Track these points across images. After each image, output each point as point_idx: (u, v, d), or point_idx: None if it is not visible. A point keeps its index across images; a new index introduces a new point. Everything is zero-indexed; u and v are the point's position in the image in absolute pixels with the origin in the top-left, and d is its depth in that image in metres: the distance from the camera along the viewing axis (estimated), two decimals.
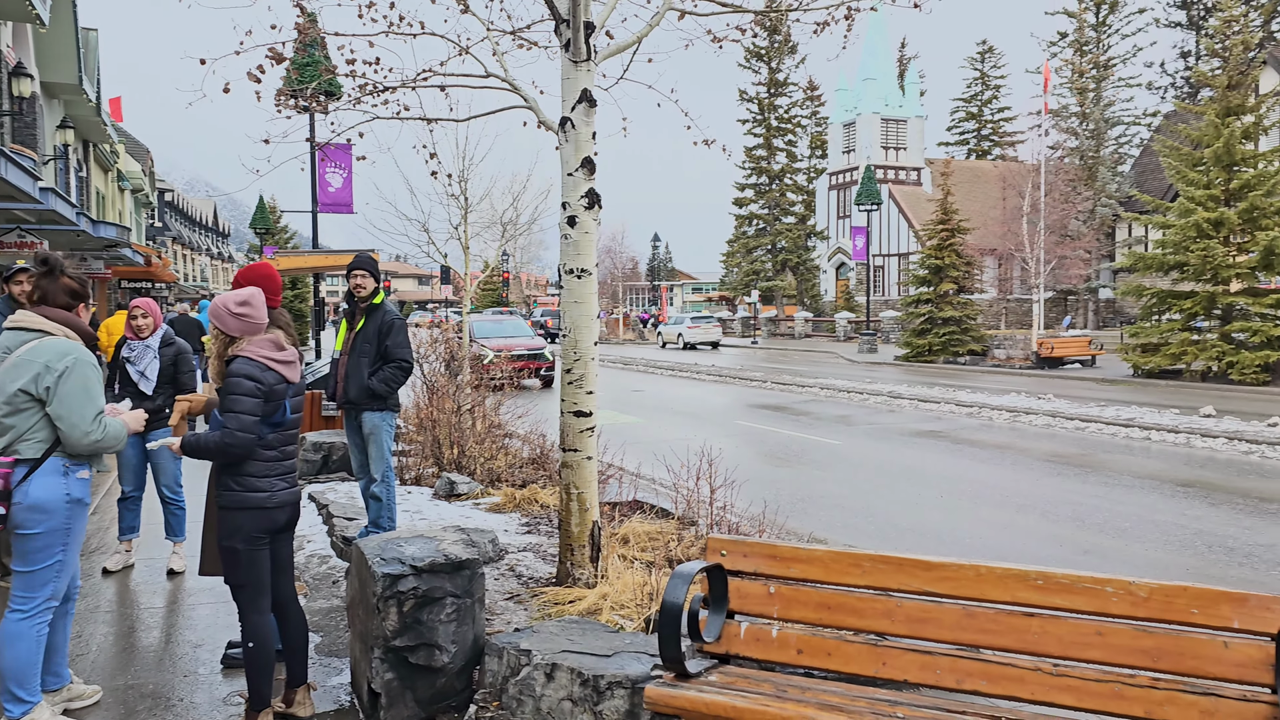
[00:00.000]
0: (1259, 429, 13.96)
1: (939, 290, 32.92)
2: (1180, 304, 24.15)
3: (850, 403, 19.93)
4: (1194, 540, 8.22)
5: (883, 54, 57.22)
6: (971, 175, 54.58)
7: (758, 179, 60.09)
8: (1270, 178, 23.23)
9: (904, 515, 9.36)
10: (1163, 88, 60.63)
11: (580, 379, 5.76)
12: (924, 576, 3.66)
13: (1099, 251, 46.30)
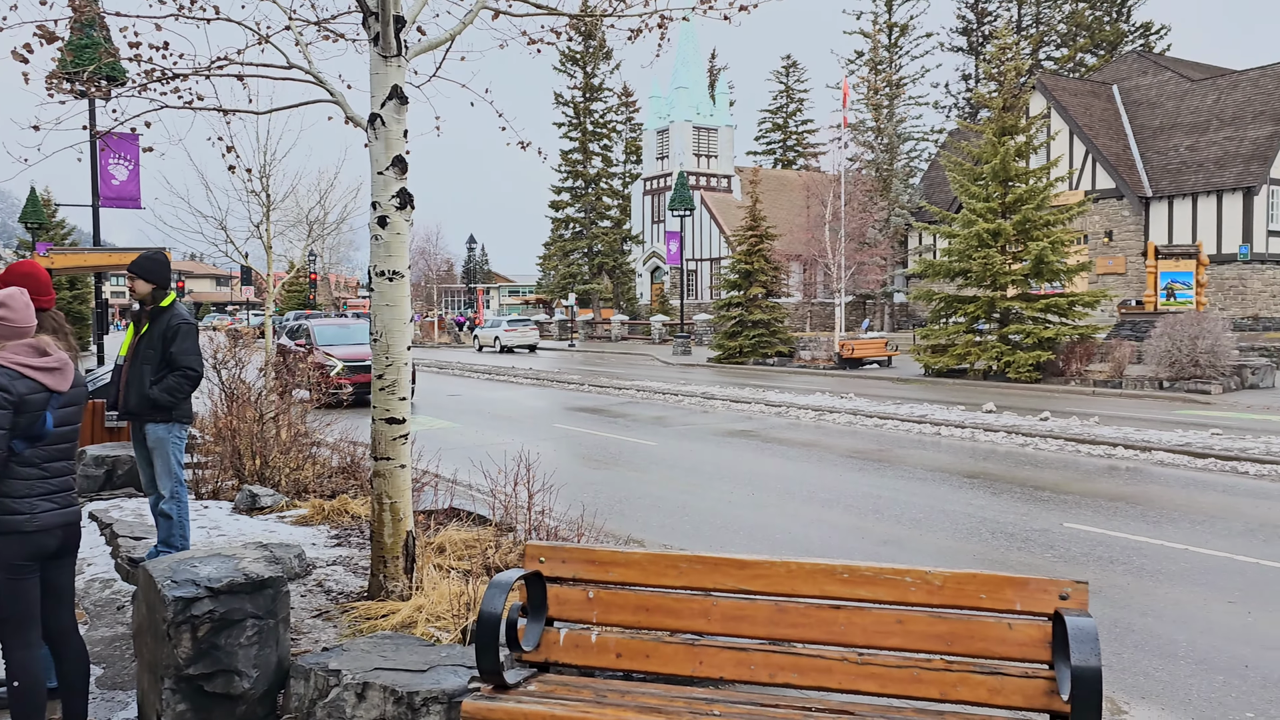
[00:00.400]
0: (1033, 423, 15.19)
1: (749, 294, 34.05)
2: (965, 308, 25.99)
3: (665, 404, 20.30)
4: (979, 528, 8.83)
5: (694, 64, 58.72)
6: (778, 184, 56.86)
7: (574, 182, 60.38)
8: (1040, 193, 25.36)
9: (719, 513, 9.60)
10: (947, 107, 65.24)
11: (393, 385, 5.58)
12: (738, 575, 3.75)
13: (893, 258, 49.23)
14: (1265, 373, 21.57)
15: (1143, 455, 12.66)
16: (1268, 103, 37.60)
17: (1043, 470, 11.85)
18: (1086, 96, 42.74)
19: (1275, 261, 37.39)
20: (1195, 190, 37.61)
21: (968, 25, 65.65)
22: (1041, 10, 64.45)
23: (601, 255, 59.57)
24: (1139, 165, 40.34)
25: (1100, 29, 61.99)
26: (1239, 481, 10.97)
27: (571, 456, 13.28)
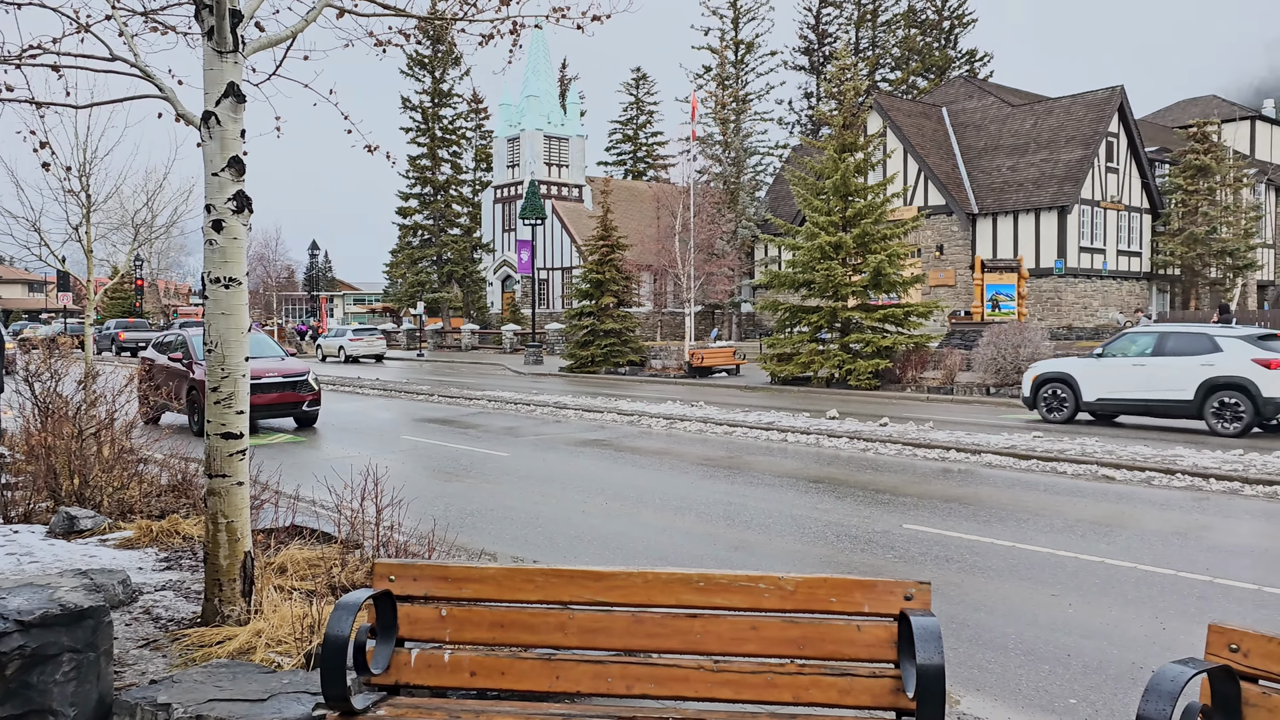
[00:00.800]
0: (873, 428, 15.83)
1: (601, 303, 34.21)
2: (808, 318, 26.90)
3: (517, 414, 20.11)
4: (825, 531, 9.11)
5: (545, 73, 58.64)
6: (629, 194, 57.39)
7: (422, 189, 59.20)
8: (878, 208, 26.54)
9: (572, 523, 9.55)
10: (791, 124, 67.53)
11: (229, 398, 5.29)
12: (595, 587, 3.71)
13: (741, 269, 50.48)
14: None
15: (974, 458, 13.37)
16: (1078, 128, 40.58)
17: (883, 474, 12.35)
18: (919, 117, 45.05)
19: (1086, 275, 40.34)
20: (1016, 208, 40.19)
21: (809, 46, 68.16)
22: (878, 34, 67.59)
23: (451, 263, 58.59)
24: (966, 184, 42.79)
25: (931, 54, 65.52)
26: (1058, 481, 11.73)
27: (422, 469, 12.97)
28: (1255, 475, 11.03)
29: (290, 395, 16.74)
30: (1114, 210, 41.29)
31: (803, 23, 68.78)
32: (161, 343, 18.33)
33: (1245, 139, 50.16)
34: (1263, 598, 6.86)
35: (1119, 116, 40.88)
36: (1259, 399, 14.98)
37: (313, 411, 17.28)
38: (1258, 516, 9.63)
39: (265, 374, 16.16)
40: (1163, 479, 11.46)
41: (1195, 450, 12.99)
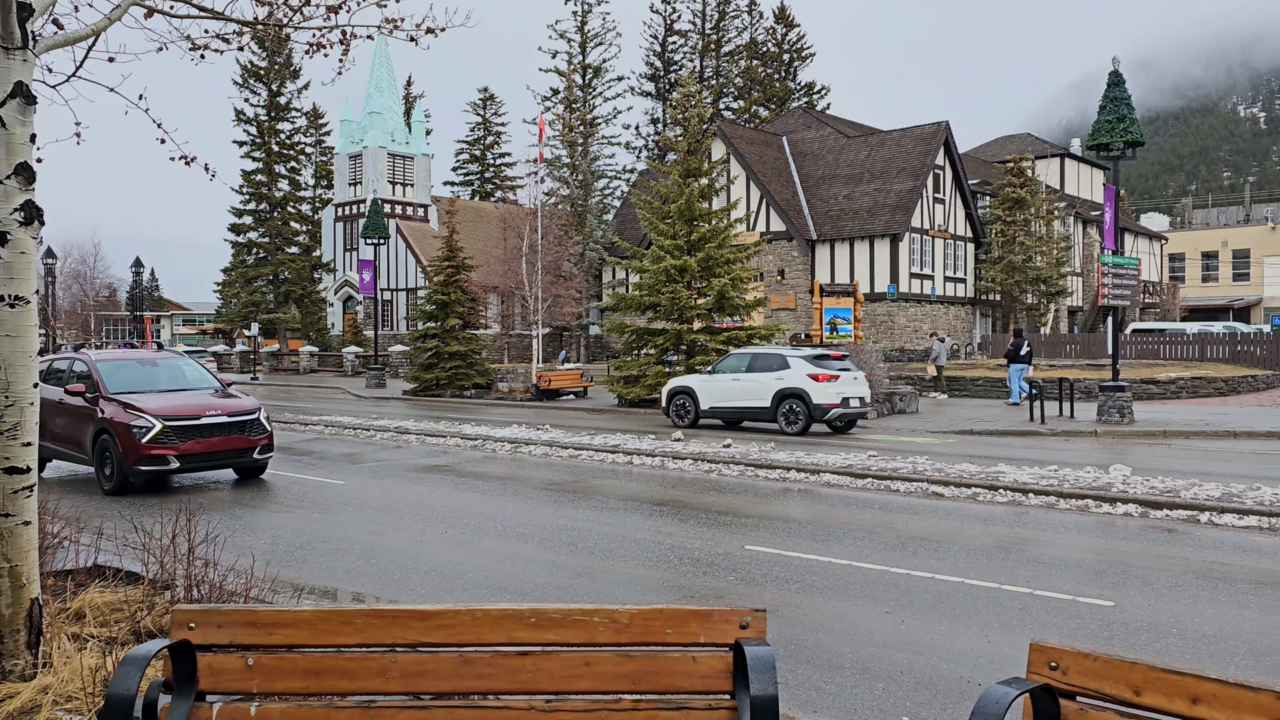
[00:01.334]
0: (717, 450, 16.03)
1: (446, 325, 33.55)
2: (654, 340, 27.13)
3: (356, 439, 19.38)
4: (669, 555, 9.08)
5: (389, 90, 57.41)
6: (476, 215, 56.74)
7: (258, 205, 56.79)
8: (721, 232, 27.09)
9: (410, 554, 9.19)
10: (639, 148, 68.44)
11: (15, 428, 4.79)
12: (420, 627, 3.49)
13: (588, 291, 50.61)
14: (911, 399, 24.23)
15: (813, 478, 13.70)
16: (908, 160, 42.74)
17: (726, 495, 12.48)
18: (761, 145, 46.44)
19: (917, 300, 42.41)
20: (852, 235, 41.90)
21: (656, 72, 69.39)
22: (721, 64, 69.48)
23: (289, 283, 56.35)
24: (806, 211, 44.34)
25: (772, 85, 67.81)
26: (892, 499, 12.13)
27: (249, 499, 12.26)
28: (1069, 490, 11.71)
29: (238, 440, 13.12)
30: (941, 239, 43.63)
31: (649, 50, 70.02)
32: (50, 371, 14.33)
33: (1056, 174, 54.05)
34: (1077, 608, 7.22)
35: (945, 150, 43.31)
36: (811, 404, 19.32)
37: (264, 460, 13.72)
38: (1071, 529, 10.21)
39: (205, 412, 12.92)
40: (987, 494, 12.03)
41: (1015, 467, 13.71)
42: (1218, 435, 18.65)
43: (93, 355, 14.07)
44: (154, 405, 12.70)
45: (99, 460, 12.81)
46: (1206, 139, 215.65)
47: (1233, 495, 11.07)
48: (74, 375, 13.83)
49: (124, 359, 14.61)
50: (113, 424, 12.42)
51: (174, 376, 14.29)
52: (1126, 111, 20.48)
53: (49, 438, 13.12)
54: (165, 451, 12.36)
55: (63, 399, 13.40)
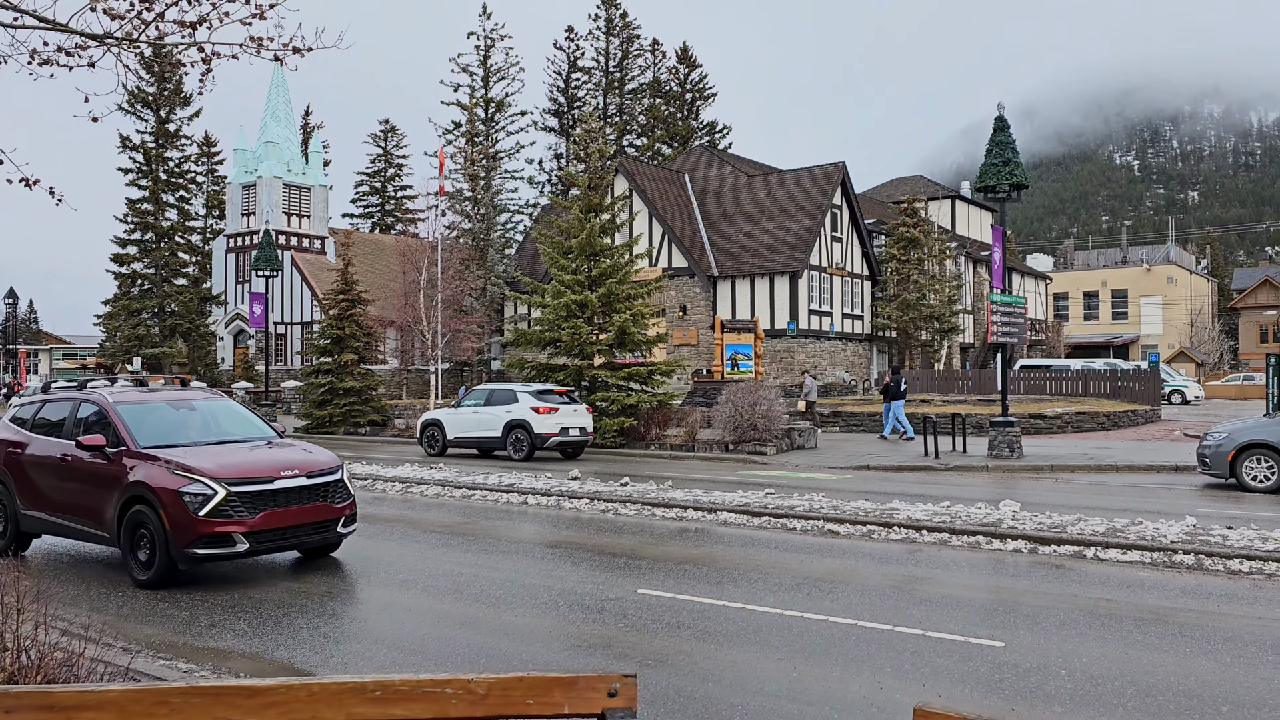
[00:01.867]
0: (614, 489, 15.73)
1: (341, 360, 32.56)
2: (555, 376, 26.77)
3: None
4: (558, 601, 8.72)
5: (286, 119, 56.09)
6: (374, 248, 55.63)
7: (144, 235, 54.50)
8: (623, 268, 26.99)
9: (283, 605, 8.61)
10: (541, 183, 68.34)
11: None
12: (248, 705, 3.09)
13: (490, 326, 49.99)
14: (809, 434, 24.39)
15: (710, 516, 13.50)
16: (806, 199, 43.57)
17: (621, 536, 12.17)
18: (663, 183, 46.77)
19: (816, 336, 43.07)
20: (753, 272, 42.40)
21: (559, 108, 69.57)
22: (625, 102, 70.08)
23: (176, 316, 54.13)
24: (707, 247, 44.73)
25: (674, 124, 68.63)
26: (789, 538, 12.01)
27: (103, 553, 11.42)
28: (960, 527, 11.77)
29: (320, 509, 9.85)
30: (839, 276, 44.50)
31: (553, 85, 70.22)
32: (43, 419, 11.01)
33: (947, 216, 55.87)
34: (969, 649, 7.12)
35: (842, 190, 44.31)
36: (533, 433, 21.83)
37: (348, 534, 10.45)
38: (963, 567, 10.21)
39: (279, 472, 9.59)
40: (881, 532, 12.01)
41: (910, 504, 13.77)
42: (1101, 469, 19.20)
43: (108, 395, 10.55)
44: (210, 464, 9.32)
45: (129, 540, 9.40)
46: (1086, 184, 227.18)
47: (1116, 530, 11.27)
48: (84, 423, 10.33)
49: (149, 400, 10.84)
50: (154, 490, 9.08)
51: (215, 422, 10.90)
52: (1011, 155, 21.16)
53: (47, 506, 10.35)
54: (231, 528, 9.02)
55: (70, 456, 10.11)
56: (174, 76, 52.70)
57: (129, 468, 9.48)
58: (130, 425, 9.95)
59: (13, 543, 10.79)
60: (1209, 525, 11.48)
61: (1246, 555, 9.88)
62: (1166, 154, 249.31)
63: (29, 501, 10.56)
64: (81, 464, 9.98)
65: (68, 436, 10.39)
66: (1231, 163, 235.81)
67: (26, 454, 10.73)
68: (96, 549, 11.26)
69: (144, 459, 9.49)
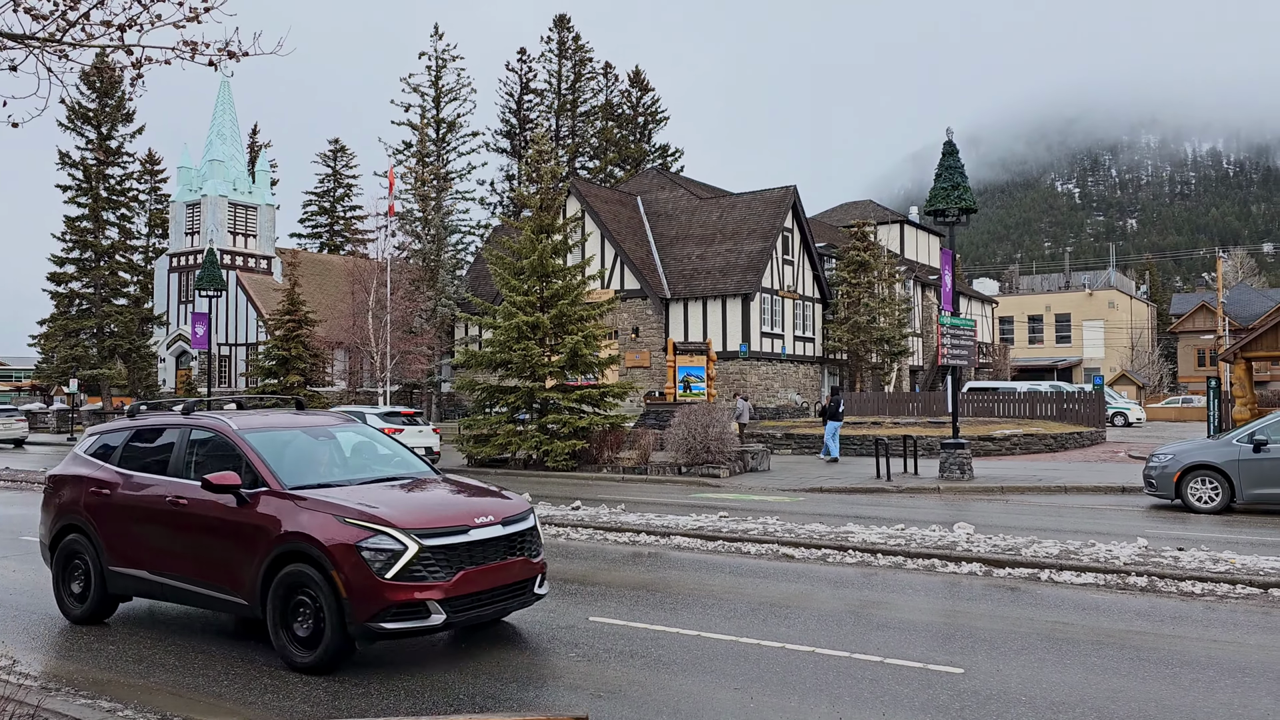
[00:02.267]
0: (565, 512, 15.43)
1: (286, 382, 31.94)
2: (506, 398, 26.40)
3: None
4: (506, 630, 8.42)
5: (232, 137, 55.22)
6: (322, 268, 54.86)
7: (83, 254, 53.14)
8: (575, 289, 26.77)
9: (220, 640, 8.21)
10: (493, 204, 68.03)
11: None
12: None
13: (440, 348, 49.42)
14: (762, 457, 24.30)
15: (663, 540, 13.28)
16: (758, 222, 43.81)
17: (573, 561, 11.90)
18: (615, 205, 46.73)
19: (768, 359, 43.19)
20: (705, 294, 42.45)
21: (512, 129, 69.44)
22: (577, 124, 70.17)
23: (116, 336, 52.75)
24: (660, 270, 44.72)
25: (627, 146, 68.84)
26: (743, 562, 11.82)
27: (45, 580, 10.89)
28: (915, 550, 11.68)
29: (518, 565, 7.74)
30: (791, 299, 44.73)
31: (505, 107, 70.12)
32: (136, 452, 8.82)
33: (896, 240, 56.56)
34: (928, 676, 6.97)
35: (793, 214, 44.62)
36: None
37: (543, 595, 8.22)
38: (919, 591, 10.10)
39: (472, 518, 7.50)
40: (836, 555, 11.88)
41: (864, 526, 13.67)
42: (1050, 490, 19.33)
43: (230, 421, 8.42)
44: (391, 510, 7.26)
45: (279, 610, 7.24)
46: (1029, 211, 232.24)
47: (1070, 552, 11.26)
48: (198, 456, 8.30)
49: (282, 427, 8.66)
50: (321, 545, 7.00)
51: (360, 455, 8.94)
52: (960, 180, 21.39)
53: (149, 563, 8.20)
54: (424, 594, 6.95)
55: (184, 499, 8.00)
56: (115, 92, 51.65)
57: (277, 515, 7.34)
58: (268, 459, 7.84)
59: (96, 607, 8.66)
60: (1160, 547, 11.52)
61: (1198, 577, 9.90)
62: (1106, 182, 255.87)
63: (122, 557, 8.37)
64: (204, 509, 7.81)
65: (176, 473, 8.28)
66: (1168, 191, 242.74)
67: (117, 496, 8.54)
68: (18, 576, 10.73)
69: (295, 503, 7.38)
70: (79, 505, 8.81)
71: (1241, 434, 16.16)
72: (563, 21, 71.01)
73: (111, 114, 52.82)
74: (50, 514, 9.19)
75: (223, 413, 9.01)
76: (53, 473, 9.45)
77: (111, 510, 8.55)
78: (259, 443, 8.06)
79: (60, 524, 8.97)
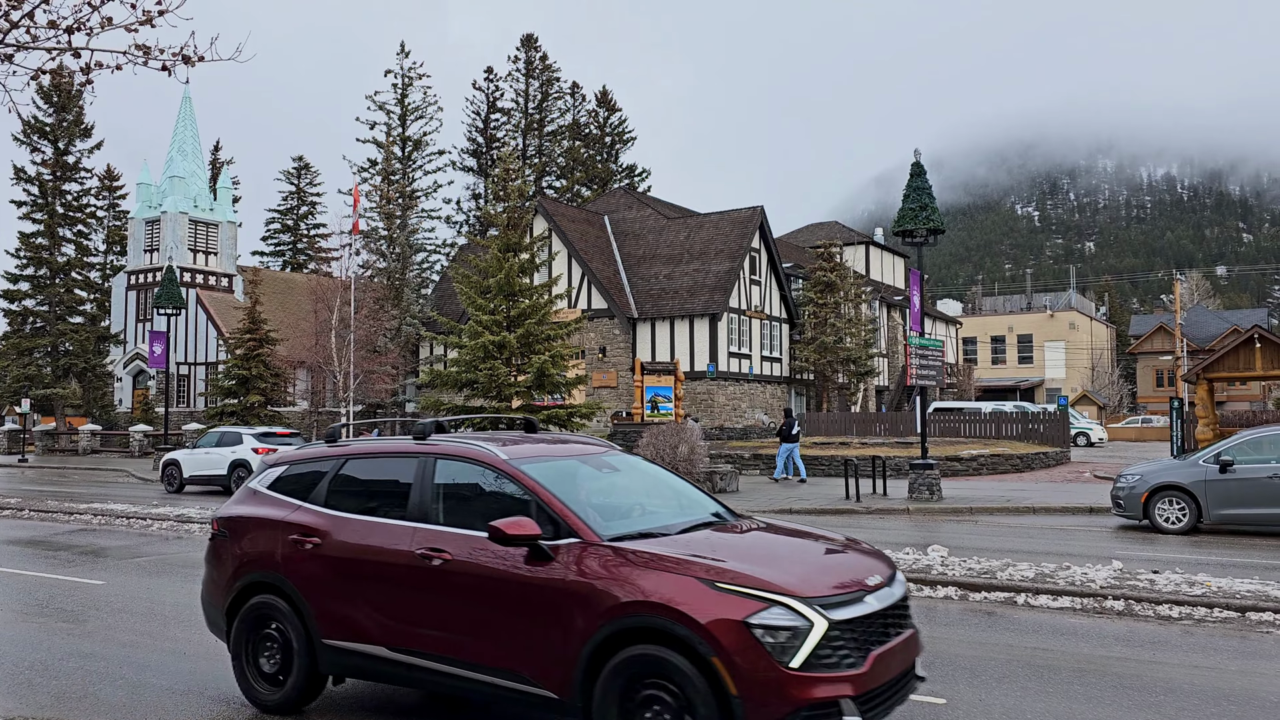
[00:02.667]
0: None
1: (247, 402, 31.33)
2: (471, 419, 26.06)
3: (130, 531, 17.31)
4: None
5: (193, 153, 54.45)
6: (285, 286, 54.13)
7: (37, 271, 52.04)
8: (542, 308, 26.55)
9: (170, 671, 7.83)
10: (460, 223, 67.67)
11: None
12: None
13: (405, 367, 48.86)
14: (731, 477, 24.11)
15: None
16: (726, 242, 43.84)
17: None
18: (583, 224, 46.59)
19: (735, 379, 43.12)
20: (673, 314, 42.35)
21: (479, 148, 69.19)
22: (544, 143, 70.10)
23: (70, 355, 51.62)
24: (627, 289, 44.58)
25: (594, 166, 68.85)
26: None
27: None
28: None
29: (913, 640, 5.85)
30: (758, 319, 44.76)
31: (472, 125, 69.89)
32: (349, 488, 6.79)
33: (862, 261, 56.90)
34: (911, 709, 6.76)
35: (760, 234, 44.72)
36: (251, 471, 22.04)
37: (923, 678, 6.08)
38: None
39: (865, 580, 5.58)
40: None
41: None
42: (1019, 511, 19.30)
43: (494, 448, 6.28)
44: (773, 570, 5.35)
45: (618, 710, 5.25)
46: (990, 233, 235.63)
47: (1045, 575, 11.14)
48: (463, 494, 6.28)
49: (552, 455, 6.61)
50: (688, 620, 5.08)
51: (658, 492, 6.99)
52: (928, 200, 21.45)
53: (389, 637, 6.16)
54: (836, 688, 5.01)
55: (454, 554, 5.92)
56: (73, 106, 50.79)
57: (605, 576, 5.35)
58: (567, 500, 5.86)
59: (298, 692, 6.57)
60: (1135, 569, 11.45)
61: (1175, 600, 9.81)
62: (1065, 206, 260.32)
63: (342, 627, 6.34)
64: (478, 567, 5.78)
65: (420, 517, 6.19)
66: (1124, 215, 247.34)
67: (331, 546, 6.48)
68: None
69: (625, 560, 5.42)
70: (273, 558, 6.71)
71: (1208, 454, 16.22)
72: (530, 41, 71.04)
73: (69, 129, 51.92)
74: (224, 568, 7.05)
75: (471, 437, 6.69)
76: (223, 514, 7.33)
77: (324, 565, 6.45)
78: (544, 477, 5.99)
79: (243, 581, 6.85)
